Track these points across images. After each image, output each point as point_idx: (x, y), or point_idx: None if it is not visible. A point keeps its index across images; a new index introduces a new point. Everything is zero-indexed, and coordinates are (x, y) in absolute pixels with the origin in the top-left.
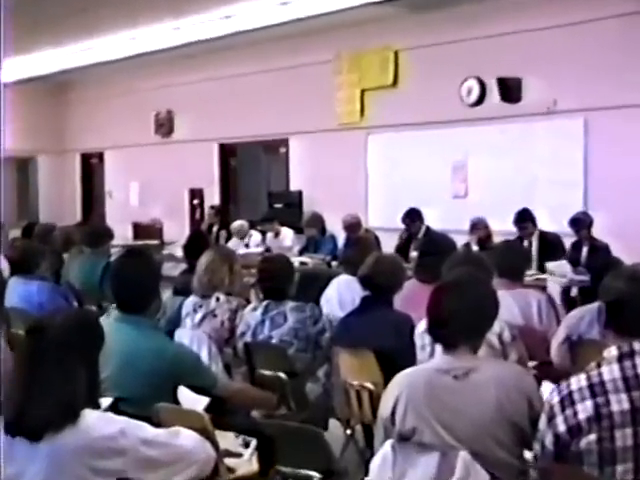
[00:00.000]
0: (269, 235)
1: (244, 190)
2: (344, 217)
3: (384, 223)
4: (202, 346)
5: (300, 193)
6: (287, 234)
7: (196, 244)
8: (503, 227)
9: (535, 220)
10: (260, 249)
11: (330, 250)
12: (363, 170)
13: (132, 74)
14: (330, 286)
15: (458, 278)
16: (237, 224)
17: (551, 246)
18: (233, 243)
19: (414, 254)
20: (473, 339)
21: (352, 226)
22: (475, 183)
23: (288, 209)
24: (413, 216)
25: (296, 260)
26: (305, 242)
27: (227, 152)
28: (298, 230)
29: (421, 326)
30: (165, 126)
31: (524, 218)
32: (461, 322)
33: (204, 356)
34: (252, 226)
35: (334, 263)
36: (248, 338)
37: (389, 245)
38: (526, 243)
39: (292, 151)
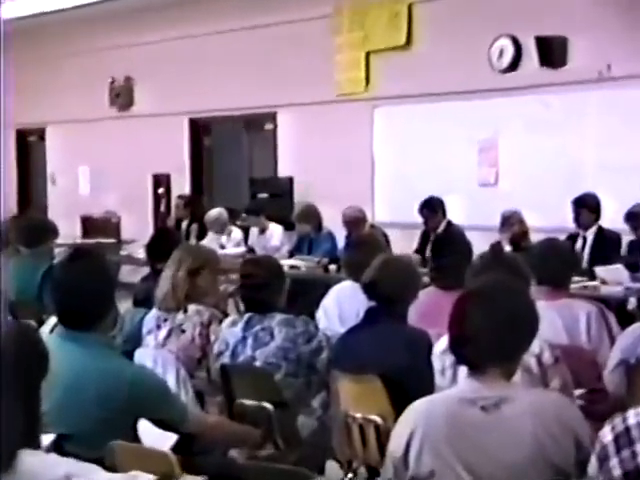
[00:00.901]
0: (253, 232)
1: (221, 177)
2: (345, 210)
3: (394, 217)
4: (168, 369)
5: (290, 180)
6: (275, 231)
7: (161, 243)
8: (542, 222)
9: (598, 208)
10: (241, 249)
11: (328, 251)
12: (368, 152)
13: (80, 30)
14: (328, 295)
15: (487, 285)
16: (214, 214)
17: (608, 247)
18: (209, 240)
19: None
20: (506, 361)
21: (355, 221)
22: (507, 168)
23: (275, 200)
24: (433, 206)
25: (286, 263)
26: (297, 241)
27: (200, 129)
28: (288, 226)
29: (441, 344)
30: (123, 97)
31: (583, 203)
32: (491, 340)
33: (171, 382)
34: (231, 221)
35: (332, 267)
36: (226, 359)
37: (400, 245)
38: (579, 243)
39: (281, 128)
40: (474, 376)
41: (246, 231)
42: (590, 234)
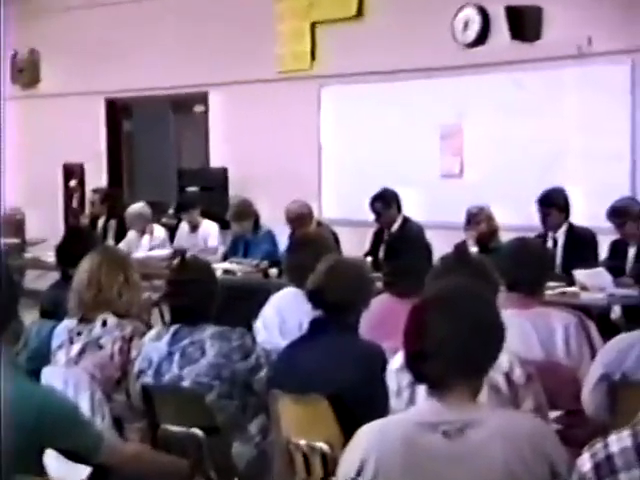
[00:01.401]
0: (183, 229)
1: (143, 167)
2: (288, 206)
3: (344, 214)
4: (81, 391)
5: (224, 172)
6: (210, 229)
7: (74, 245)
8: (513, 219)
9: (567, 205)
10: (166, 251)
11: (267, 253)
12: (315, 139)
13: None
14: (267, 304)
15: (448, 290)
16: (135, 210)
17: (583, 247)
18: (129, 240)
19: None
20: (471, 377)
21: (299, 219)
22: (474, 157)
23: (207, 195)
24: (387, 200)
25: (219, 267)
26: (231, 242)
27: (118, 112)
28: (222, 225)
29: (397, 360)
30: (27, 73)
31: (550, 202)
32: (454, 353)
33: (84, 406)
34: (156, 218)
35: (273, 271)
36: (148, 379)
37: (351, 245)
38: (549, 244)
39: (213, 111)
40: (435, 396)
41: (171, 230)
42: (561, 234)
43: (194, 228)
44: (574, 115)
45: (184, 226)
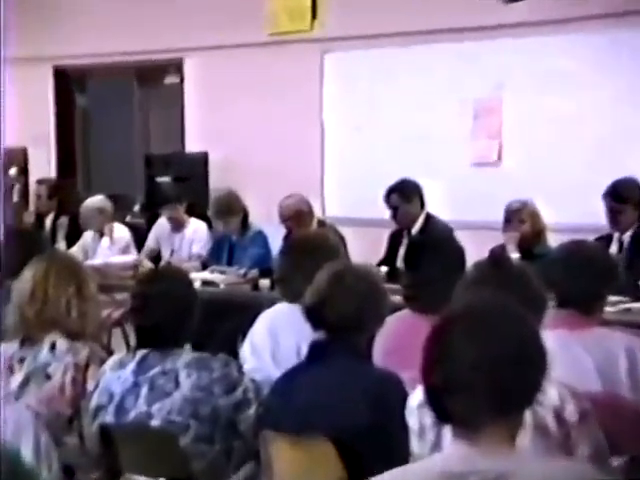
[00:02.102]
0: (161, 227)
1: (102, 152)
2: (282, 201)
3: (352, 211)
4: (24, 433)
5: (204, 158)
6: (199, 232)
7: (14, 249)
8: (564, 217)
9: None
10: (130, 257)
11: (257, 259)
12: (316, 118)
13: None
14: (257, 324)
15: (479, 307)
16: (92, 205)
17: None
18: (84, 243)
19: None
20: (507, 416)
21: (296, 217)
22: (515, 139)
23: (182, 186)
24: (406, 193)
25: (197, 277)
26: (213, 245)
27: (70, 83)
28: (204, 220)
29: (419, 394)
30: None
31: (624, 196)
32: (484, 386)
33: (26, 451)
34: (119, 215)
35: (264, 282)
36: (109, 417)
37: (360, 250)
38: (614, 248)
39: (189, 83)
40: (463, 439)
41: (136, 230)
42: (627, 237)
43: (177, 227)
44: None
45: (163, 224)
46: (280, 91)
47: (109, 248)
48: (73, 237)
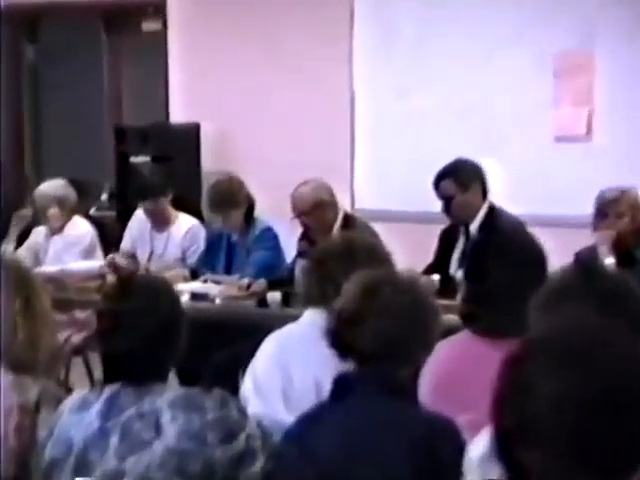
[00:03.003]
0: (137, 223)
1: (58, 123)
2: (296, 189)
3: (388, 202)
4: None
5: (195, 131)
6: (189, 228)
7: None
8: None
9: None
10: (94, 263)
11: (264, 264)
12: (344, 80)
13: None
14: (263, 351)
15: (565, 333)
16: (46, 192)
17: None
18: (34, 245)
19: (459, 273)
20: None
21: (314, 209)
22: (610, 107)
23: (164, 168)
24: (462, 177)
25: (185, 289)
26: (207, 245)
27: (17, 30)
28: (196, 215)
29: (480, 444)
30: None
31: None
32: (573, 438)
33: None
34: (82, 207)
35: (273, 295)
36: (67, 475)
37: (401, 254)
38: None
39: (174, 30)
40: None
41: (101, 226)
42: None
43: (160, 224)
44: None
45: (140, 219)
46: (296, 44)
47: (67, 250)
48: (21, 236)
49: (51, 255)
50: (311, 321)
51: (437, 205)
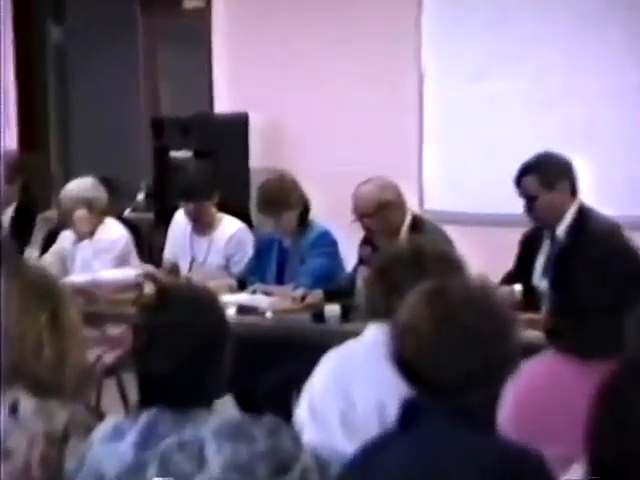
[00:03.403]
0: (177, 229)
1: (87, 114)
2: (358, 188)
3: (461, 204)
4: None
5: (244, 123)
6: (236, 232)
7: None
8: None
9: None
10: (132, 271)
11: (321, 273)
12: (411, 61)
13: None
14: (320, 371)
15: None
16: (75, 192)
17: None
18: (61, 251)
19: (543, 283)
20: None
21: (378, 211)
22: None
23: (208, 165)
24: (548, 173)
25: (231, 301)
26: (256, 252)
27: (40, 8)
28: (243, 218)
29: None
30: None
31: None
32: None
33: None
34: (115, 208)
35: (332, 309)
36: None
37: (477, 261)
38: None
39: (219, 6)
40: None
41: (137, 231)
42: None
43: (203, 228)
44: None
45: (181, 222)
46: (358, 23)
47: (98, 257)
48: (46, 242)
49: (79, 263)
50: (374, 337)
51: (518, 206)
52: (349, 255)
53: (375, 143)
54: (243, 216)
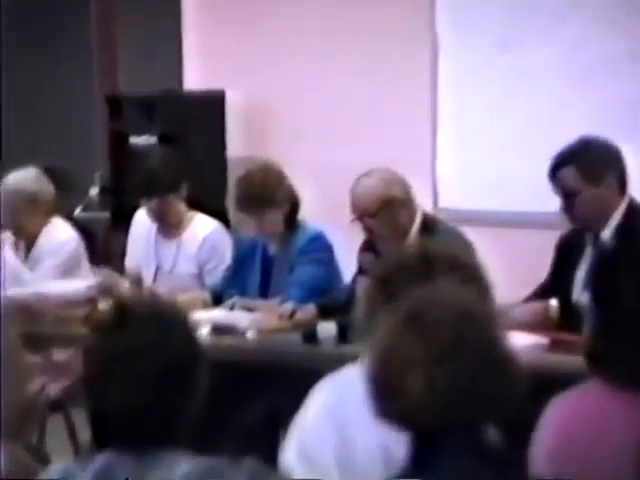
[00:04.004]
0: (139, 230)
1: (33, 91)
2: (356, 183)
3: (482, 202)
4: None
5: (219, 102)
6: (210, 234)
7: None
8: None
9: None
10: (84, 282)
11: (313, 283)
12: (424, 49)
13: None
14: (312, 404)
15: None
16: (19, 184)
17: None
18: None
19: (585, 298)
20: None
21: (380, 209)
22: None
23: (176, 153)
24: (590, 165)
25: (204, 318)
26: (236, 259)
27: None
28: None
29: None
30: None
31: None
32: None
33: None
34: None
35: (326, 328)
36: None
37: (502, 268)
38: None
39: None
40: None
41: (89, 234)
42: None
43: (170, 229)
44: None
45: (143, 222)
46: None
47: (41, 264)
48: None
49: (19, 271)
50: None
51: (551, 203)
52: (347, 263)
53: (380, 129)
54: (219, 215)
